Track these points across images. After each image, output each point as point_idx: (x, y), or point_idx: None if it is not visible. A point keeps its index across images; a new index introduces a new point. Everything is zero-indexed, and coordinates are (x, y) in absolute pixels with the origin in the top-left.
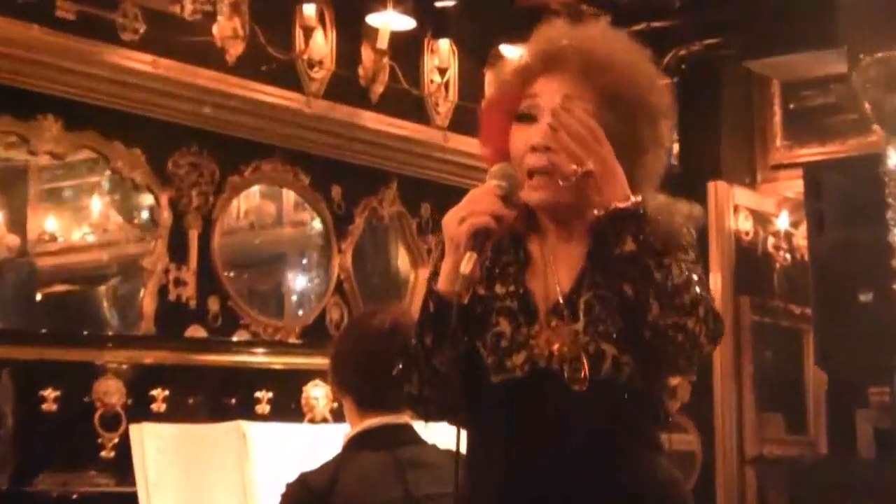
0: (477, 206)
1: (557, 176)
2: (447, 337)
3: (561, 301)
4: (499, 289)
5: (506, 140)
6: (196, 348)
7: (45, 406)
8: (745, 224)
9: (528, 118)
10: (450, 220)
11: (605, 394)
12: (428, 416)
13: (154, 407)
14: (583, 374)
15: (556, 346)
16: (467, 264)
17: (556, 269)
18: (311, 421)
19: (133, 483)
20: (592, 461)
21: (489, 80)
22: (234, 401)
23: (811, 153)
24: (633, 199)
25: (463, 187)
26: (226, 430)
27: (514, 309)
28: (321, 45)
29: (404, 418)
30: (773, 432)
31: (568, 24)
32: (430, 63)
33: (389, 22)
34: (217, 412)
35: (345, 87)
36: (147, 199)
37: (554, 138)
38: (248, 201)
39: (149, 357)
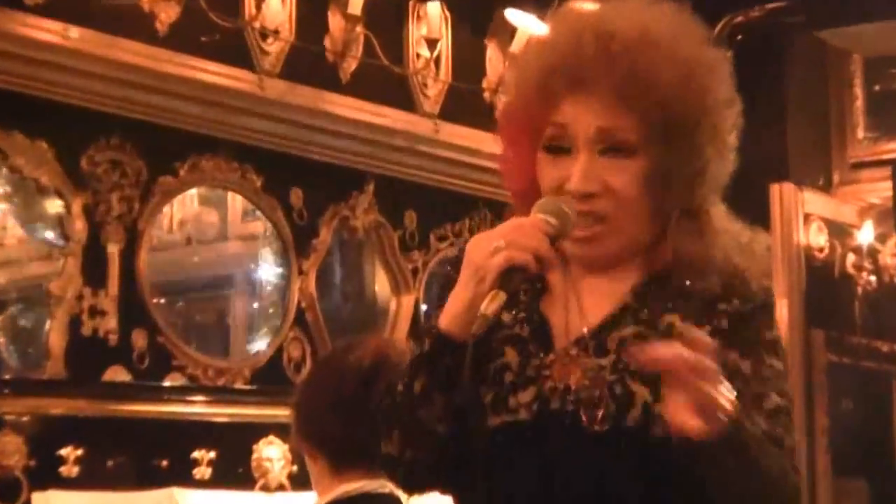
0: (520, 238)
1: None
2: (442, 386)
3: (586, 333)
4: (506, 316)
5: (529, 163)
6: (117, 396)
7: None
8: (818, 238)
9: (559, 150)
10: (479, 245)
11: (635, 449)
12: (409, 485)
13: (64, 470)
14: (600, 415)
15: (573, 380)
16: (491, 303)
17: (583, 300)
18: (265, 489)
19: None
20: None
21: (506, 74)
22: (165, 462)
23: None
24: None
25: (457, 191)
26: (156, 500)
27: (525, 336)
28: (277, 9)
29: (389, 485)
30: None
31: (596, 23)
32: (415, 33)
33: None
34: (145, 477)
35: (307, 63)
36: (55, 205)
37: (596, 180)
38: (184, 209)
39: (57, 407)
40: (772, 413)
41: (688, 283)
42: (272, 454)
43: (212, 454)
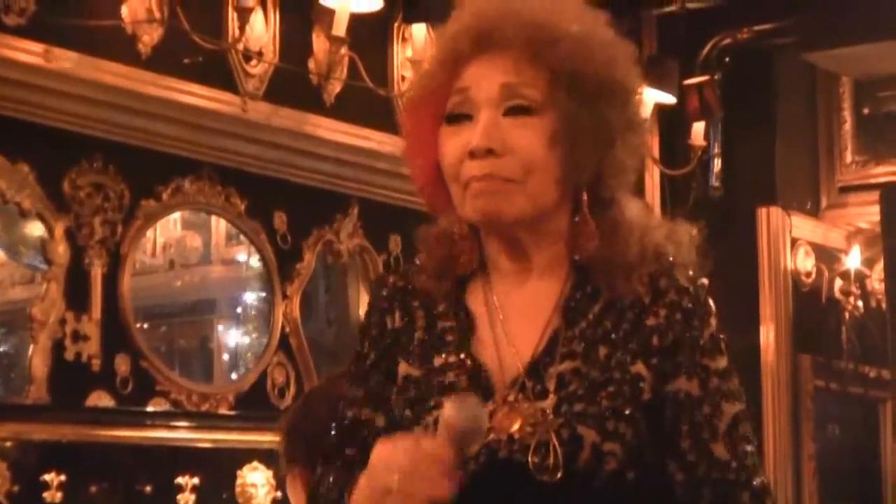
0: (419, 485)
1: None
2: None
3: (522, 371)
4: (437, 360)
5: (434, 151)
6: (100, 421)
7: None
8: (805, 262)
9: (461, 117)
10: (380, 472)
11: (588, 493)
12: None
13: (47, 496)
14: (550, 463)
15: (515, 428)
16: None
17: (510, 327)
18: None
19: None
20: None
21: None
22: (149, 488)
23: (890, 172)
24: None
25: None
26: None
27: (463, 385)
28: (261, 31)
29: None
30: None
31: None
32: (400, 55)
33: (349, 2)
34: (128, 503)
35: (291, 85)
36: (37, 228)
37: (499, 138)
38: (167, 232)
39: (40, 432)
40: (728, 431)
41: (613, 294)
42: (256, 480)
43: (196, 480)
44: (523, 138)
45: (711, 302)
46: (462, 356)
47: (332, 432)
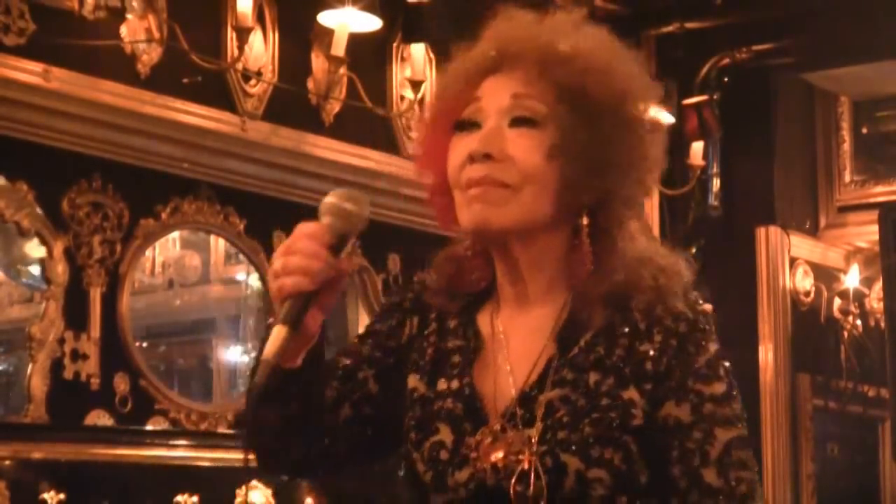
0: (292, 259)
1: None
2: (271, 405)
3: (514, 399)
4: (441, 385)
5: (444, 154)
6: (99, 440)
7: None
8: (804, 282)
9: (470, 125)
10: (272, 263)
11: None
12: (260, 466)
13: None
14: (529, 491)
15: (497, 457)
16: (273, 344)
17: (510, 353)
18: None
19: None
20: None
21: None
22: None
23: (889, 191)
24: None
25: (442, 234)
26: None
27: (459, 413)
28: (260, 51)
29: None
30: None
31: (530, 17)
32: (399, 75)
33: (348, 22)
34: None
35: (290, 105)
36: (36, 248)
37: (498, 145)
38: (166, 252)
39: (39, 451)
40: (720, 458)
41: (593, 321)
42: (256, 499)
43: (195, 499)
44: (522, 147)
45: (712, 328)
46: (462, 382)
47: None
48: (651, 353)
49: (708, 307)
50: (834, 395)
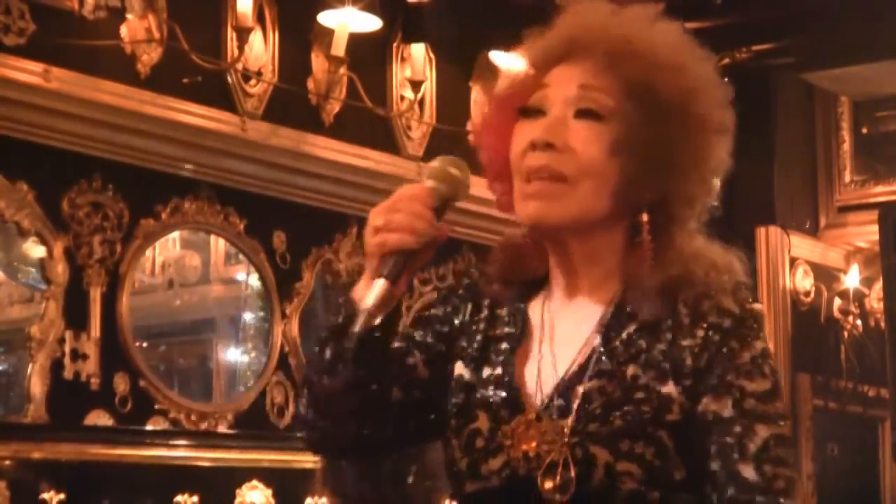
0: (397, 216)
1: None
2: (345, 361)
3: (553, 388)
4: (486, 371)
5: (508, 145)
6: (99, 440)
7: None
8: (804, 282)
9: (535, 112)
10: (370, 220)
11: None
12: (311, 445)
13: None
14: (556, 482)
15: (528, 447)
16: (372, 297)
17: (556, 342)
18: None
19: None
20: None
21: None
22: None
23: (889, 191)
24: None
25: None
26: None
27: (497, 400)
28: (260, 51)
29: None
30: None
31: (605, 8)
32: (399, 75)
33: (348, 22)
34: None
35: (290, 105)
36: (36, 248)
37: (561, 135)
38: (166, 252)
39: (39, 451)
40: (759, 453)
41: (642, 314)
42: (255, 498)
43: (194, 498)
44: (584, 140)
45: (760, 326)
46: (505, 370)
47: None
48: (692, 348)
49: (758, 306)
50: (834, 395)
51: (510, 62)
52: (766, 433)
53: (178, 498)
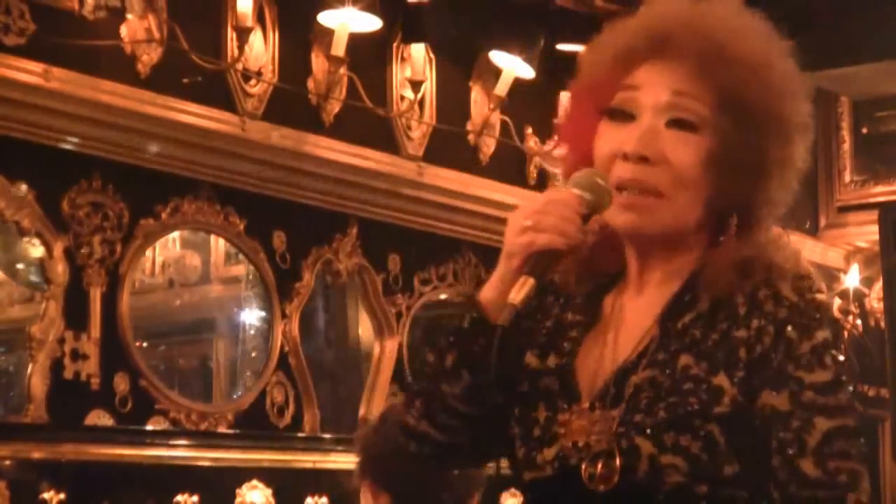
0: (548, 218)
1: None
2: (471, 365)
3: (609, 379)
4: (551, 359)
5: (591, 142)
6: (99, 440)
7: None
8: None
9: (623, 115)
10: (514, 220)
11: (648, 502)
12: (421, 457)
13: None
14: (599, 472)
15: (579, 437)
16: (519, 291)
17: (619, 332)
18: None
19: None
20: None
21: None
22: None
23: (889, 191)
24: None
25: (442, 234)
26: None
27: (556, 389)
28: (260, 51)
29: None
30: None
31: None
32: (399, 75)
33: (348, 22)
34: None
35: (290, 105)
36: (36, 247)
37: (655, 147)
38: (166, 252)
39: (39, 451)
40: (819, 448)
41: (713, 304)
42: (256, 498)
43: (195, 498)
44: (680, 152)
45: (822, 316)
46: (566, 359)
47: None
48: (747, 339)
49: (821, 296)
50: None
51: (509, 63)
52: (826, 426)
53: (178, 498)
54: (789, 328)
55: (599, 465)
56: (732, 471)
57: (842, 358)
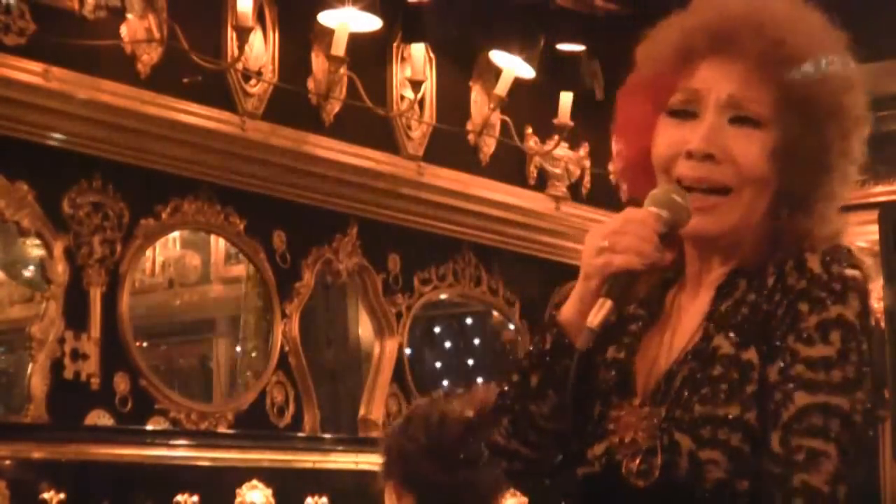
0: (624, 238)
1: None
2: (557, 385)
3: (661, 375)
4: (610, 353)
5: (648, 138)
6: (100, 440)
7: None
8: None
9: (685, 113)
10: (591, 240)
11: (688, 499)
12: (512, 475)
13: None
14: (638, 468)
15: (626, 434)
16: (596, 315)
17: (675, 329)
18: None
19: None
20: None
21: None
22: None
23: (889, 191)
24: None
25: (442, 234)
26: None
27: (610, 384)
28: (260, 51)
29: None
30: None
31: None
32: (399, 75)
33: (348, 22)
34: None
35: (290, 104)
36: (36, 247)
37: (720, 144)
38: (166, 251)
39: (39, 451)
40: (789, 422)
41: (747, 279)
42: (255, 498)
43: (195, 498)
44: (745, 149)
45: (848, 292)
46: (625, 355)
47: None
48: (768, 312)
49: (851, 271)
50: None
51: (509, 63)
52: (804, 401)
53: (178, 498)
54: (802, 300)
55: (637, 461)
56: None
57: (861, 337)
